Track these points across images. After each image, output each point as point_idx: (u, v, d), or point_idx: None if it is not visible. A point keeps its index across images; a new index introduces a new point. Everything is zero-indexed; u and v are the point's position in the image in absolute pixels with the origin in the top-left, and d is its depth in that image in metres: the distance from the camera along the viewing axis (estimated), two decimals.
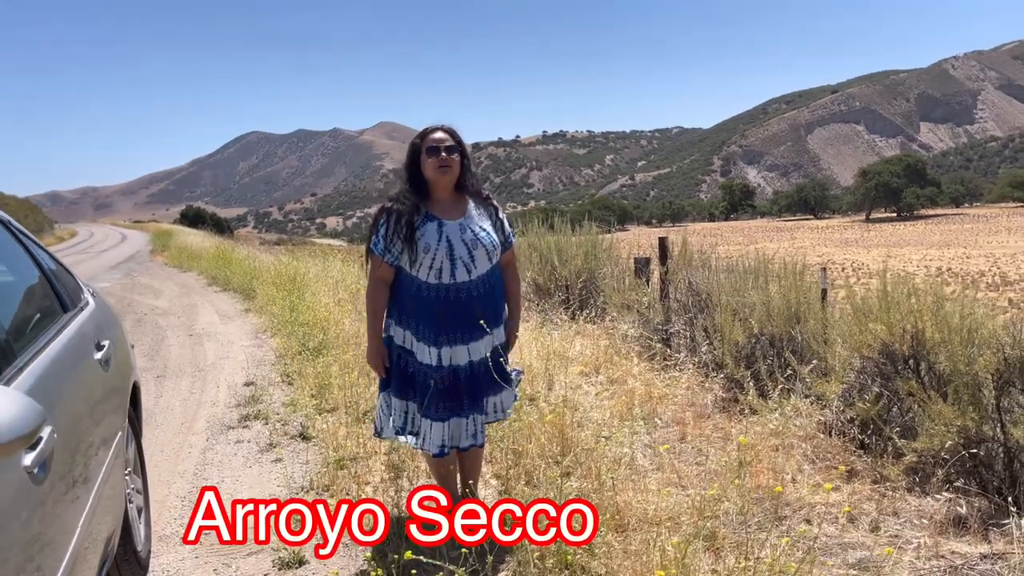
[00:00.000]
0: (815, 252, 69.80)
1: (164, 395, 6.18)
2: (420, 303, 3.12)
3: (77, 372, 2.22)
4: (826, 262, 60.03)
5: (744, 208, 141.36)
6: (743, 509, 3.22)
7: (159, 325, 10.19)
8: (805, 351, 4.65)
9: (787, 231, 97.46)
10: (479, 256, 3.14)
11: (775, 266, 5.21)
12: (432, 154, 3.12)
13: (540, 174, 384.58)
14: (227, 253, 18.27)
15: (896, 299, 3.90)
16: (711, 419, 4.57)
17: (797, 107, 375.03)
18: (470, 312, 3.13)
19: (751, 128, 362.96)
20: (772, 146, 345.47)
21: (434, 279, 3.09)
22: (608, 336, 6.36)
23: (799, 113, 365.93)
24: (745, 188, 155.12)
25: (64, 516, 1.80)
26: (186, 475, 4.24)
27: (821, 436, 3.89)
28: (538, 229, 8.48)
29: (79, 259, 28.31)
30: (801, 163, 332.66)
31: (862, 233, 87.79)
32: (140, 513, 3.19)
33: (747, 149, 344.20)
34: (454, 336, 3.10)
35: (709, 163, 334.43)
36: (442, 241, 3.09)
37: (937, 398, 3.35)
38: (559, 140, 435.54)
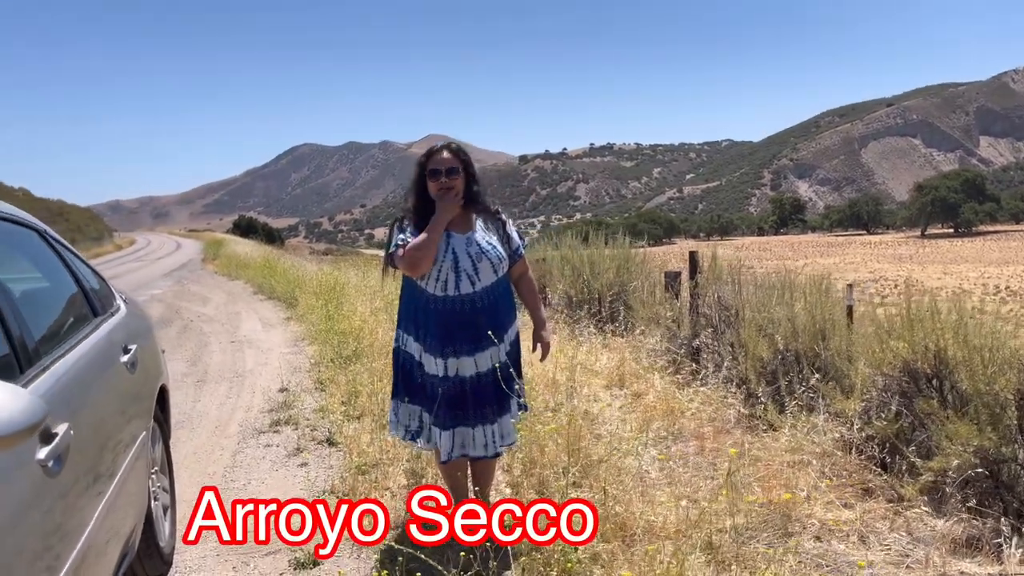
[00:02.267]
0: (867, 268, 68.44)
1: (202, 399, 6.38)
2: (427, 315, 3.21)
3: (100, 374, 2.35)
4: (878, 278, 58.86)
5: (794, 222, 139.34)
6: (748, 523, 3.24)
7: (203, 332, 10.48)
8: (829, 368, 4.62)
9: (838, 246, 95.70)
10: (483, 268, 3.21)
11: (801, 281, 5.18)
12: (434, 177, 3.19)
13: (587, 187, 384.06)
14: (273, 262, 18.69)
15: (919, 317, 3.87)
16: (731, 434, 4.57)
17: (851, 120, 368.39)
18: (474, 324, 3.19)
19: (803, 141, 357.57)
20: (824, 160, 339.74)
21: (439, 291, 3.17)
22: (635, 349, 6.38)
23: (853, 126, 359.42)
24: (795, 202, 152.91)
25: (80, 508, 1.92)
26: (215, 477, 4.39)
27: (839, 454, 3.86)
28: (571, 242, 8.53)
29: (135, 266, 29.17)
30: (854, 177, 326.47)
31: (917, 249, 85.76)
32: (166, 511, 3.33)
33: (798, 163, 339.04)
34: (460, 347, 3.17)
35: (759, 176, 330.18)
36: (448, 253, 3.17)
37: (954, 417, 3.31)
38: (606, 152, 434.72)
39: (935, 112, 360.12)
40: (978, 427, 3.27)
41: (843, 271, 66.93)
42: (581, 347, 6.88)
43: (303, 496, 3.94)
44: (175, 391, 6.77)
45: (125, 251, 45.29)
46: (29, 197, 48.17)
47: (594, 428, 4.85)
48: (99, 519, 2.04)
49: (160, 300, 15.29)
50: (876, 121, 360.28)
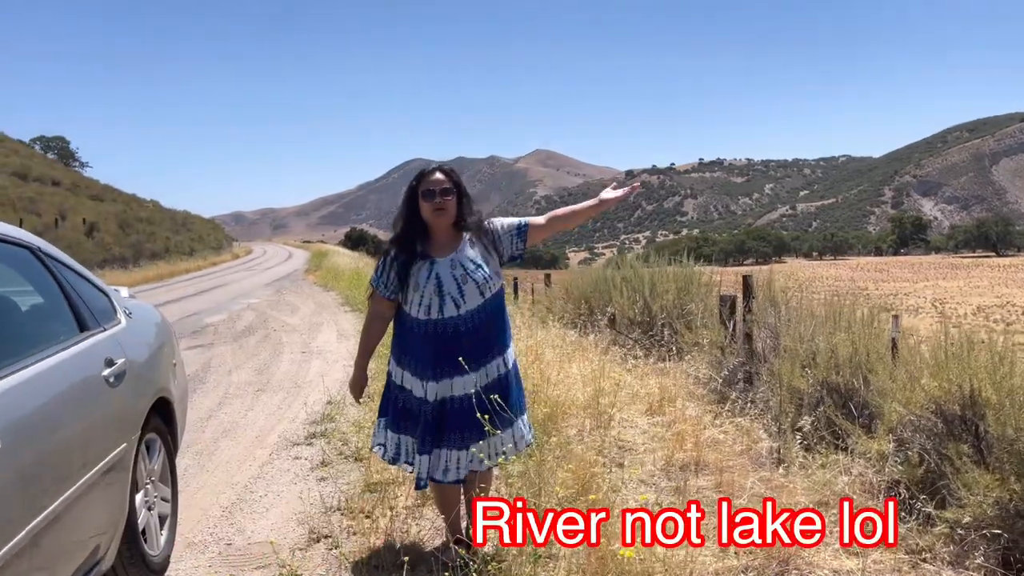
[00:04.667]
0: (993, 292, 64.14)
1: (255, 409, 6.60)
2: (413, 339, 3.22)
3: (61, 387, 2.45)
4: (1004, 303, 55.00)
5: (915, 242, 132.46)
6: (742, 565, 3.06)
7: (281, 341, 10.86)
8: (870, 403, 4.34)
9: (963, 268, 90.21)
10: (469, 291, 3.17)
11: (848, 311, 4.88)
12: (428, 198, 3.18)
13: (694, 202, 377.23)
14: (363, 274, 19.19)
15: (955, 353, 3.58)
16: (761, 471, 4.35)
17: (981, 135, 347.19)
18: (459, 347, 3.16)
19: (928, 157, 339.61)
20: (951, 177, 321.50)
21: (423, 315, 3.17)
22: (684, 375, 6.18)
23: (983, 142, 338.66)
24: (917, 221, 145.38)
25: (7, 520, 2.00)
26: (237, 487, 4.52)
27: (857, 496, 3.60)
28: (633, 262, 8.37)
29: (243, 275, 30.65)
30: (984, 196, 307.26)
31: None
32: (164, 521, 3.44)
33: (922, 180, 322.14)
34: (442, 371, 3.16)
35: (879, 194, 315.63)
36: (431, 278, 3.17)
37: (971, 465, 3.04)
38: (716, 168, 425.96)
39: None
40: (1001, 477, 2.98)
41: (967, 295, 62.96)
42: (632, 370, 6.74)
43: (309, 512, 4.00)
44: (235, 399, 7.05)
45: (241, 260, 47.67)
46: (158, 208, 51.47)
47: (620, 456, 4.74)
48: (34, 531, 2.11)
49: (254, 309, 15.98)
50: (1009, 137, 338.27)
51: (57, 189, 35.74)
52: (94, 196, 39.28)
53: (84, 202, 35.38)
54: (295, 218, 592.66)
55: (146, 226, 37.88)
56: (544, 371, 5.79)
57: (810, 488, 3.86)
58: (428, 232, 3.25)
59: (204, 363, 9.02)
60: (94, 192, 40.94)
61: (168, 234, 40.91)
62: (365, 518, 3.88)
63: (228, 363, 9.02)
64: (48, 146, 64.41)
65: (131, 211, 39.35)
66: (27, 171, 35.34)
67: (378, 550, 3.46)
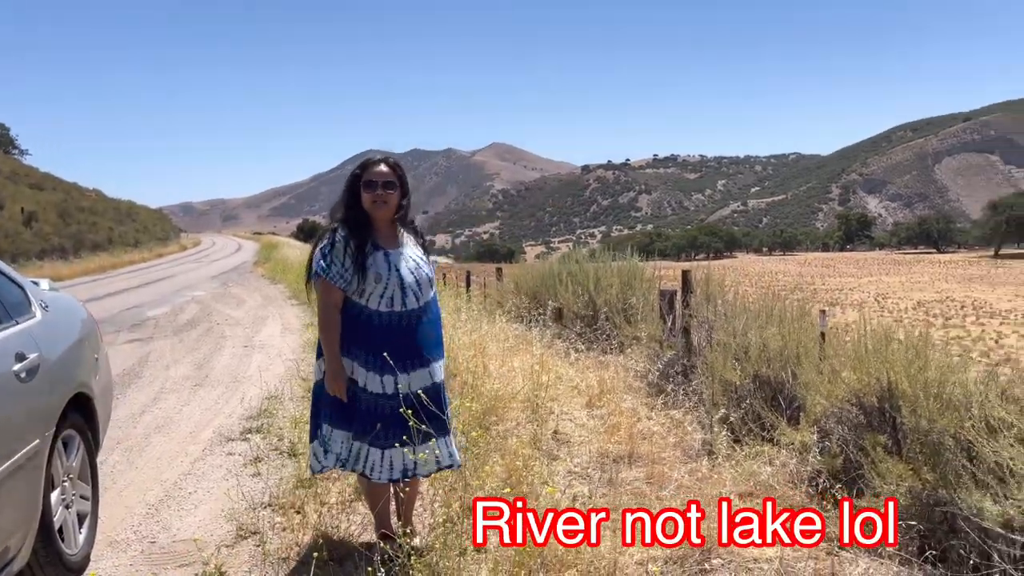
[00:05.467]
0: (933, 288, 66.00)
1: (191, 404, 6.48)
2: (371, 332, 3.14)
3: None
4: (944, 299, 56.65)
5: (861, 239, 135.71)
6: (665, 556, 3.11)
7: (224, 335, 10.68)
8: (797, 396, 4.44)
9: (905, 264, 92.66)
10: (424, 283, 3.22)
11: (779, 306, 4.99)
12: (369, 188, 3.15)
13: (649, 198, 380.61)
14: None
15: (874, 348, 3.67)
16: (691, 462, 4.41)
17: (925, 135, 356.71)
18: (424, 337, 3.19)
19: (873, 156, 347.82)
20: (895, 175, 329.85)
21: (385, 307, 3.13)
22: (623, 369, 6.25)
23: (927, 141, 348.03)
24: (862, 218, 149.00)
25: None
26: (165, 484, 4.43)
27: (778, 487, 3.69)
28: (579, 257, 8.42)
29: (191, 267, 30.09)
30: (927, 194, 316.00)
31: (988, 269, 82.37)
32: (83, 519, 3.36)
33: (868, 178, 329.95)
34: (410, 363, 3.13)
35: (827, 191, 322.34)
36: (392, 270, 3.14)
37: (886, 456, 3.13)
38: (670, 164, 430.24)
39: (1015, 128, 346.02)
40: (914, 467, 3.08)
41: (908, 290, 64.63)
42: (574, 364, 6.78)
43: (238, 508, 3.94)
44: (171, 394, 6.92)
45: (188, 252, 46.76)
46: (101, 198, 50.13)
47: (556, 449, 4.77)
48: None
49: (198, 302, 15.69)
50: (952, 136, 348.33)
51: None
52: (33, 184, 38.10)
53: (23, 191, 34.30)
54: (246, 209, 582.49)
55: (88, 216, 36.90)
56: (486, 364, 5.80)
57: (736, 479, 3.94)
58: (370, 223, 3.20)
59: (141, 357, 8.83)
60: (33, 180, 39.70)
61: (112, 224, 39.90)
62: (296, 514, 3.83)
63: (167, 357, 8.84)
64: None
65: (72, 200, 38.27)
66: None
67: (306, 546, 3.43)
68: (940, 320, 42.63)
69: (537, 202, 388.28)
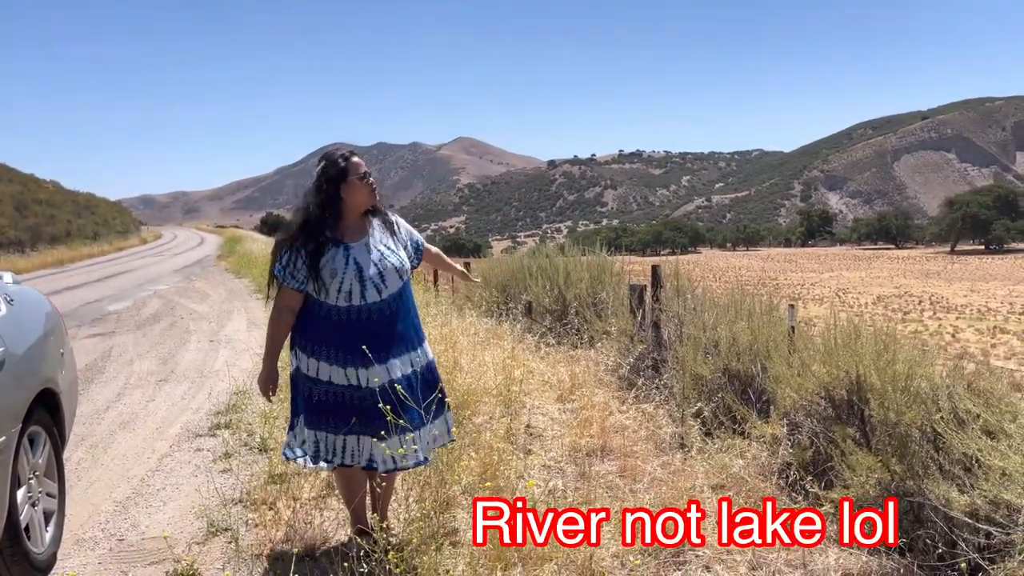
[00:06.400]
0: (892, 283, 67.40)
1: (156, 399, 6.38)
2: (331, 326, 3.13)
3: None
4: (902, 294, 57.89)
5: (822, 235, 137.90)
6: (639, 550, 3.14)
7: (188, 330, 10.52)
8: (766, 389, 4.50)
9: (864, 260, 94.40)
10: (389, 276, 3.18)
11: (748, 301, 5.05)
12: (365, 178, 3.18)
13: (614, 193, 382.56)
14: None
15: (843, 341, 3.74)
16: (663, 455, 4.46)
17: (884, 133, 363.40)
18: (384, 332, 3.16)
19: (834, 153, 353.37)
20: (856, 172, 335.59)
21: (344, 302, 3.11)
22: (594, 363, 6.28)
23: (886, 139, 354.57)
24: (824, 214, 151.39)
25: None
26: (133, 480, 4.36)
27: (749, 480, 3.74)
28: (548, 251, 8.44)
29: (152, 261, 29.55)
30: (886, 191, 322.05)
31: (945, 265, 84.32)
32: (50, 517, 3.29)
33: (829, 174, 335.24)
34: (372, 356, 3.10)
35: (789, 187, 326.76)
36: (350, 264, 3.12)
37: (855, 448, 3.18)
38: (635, 159, 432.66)
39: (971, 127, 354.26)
40: (883, 459, 3.14)
41: (868, 285, 65.91)
42: (545, 358, 6.80)
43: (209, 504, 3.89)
44: (135, 389, 6.80)
45: (149, 245, 45.90)
46: (59, 190, 49.02)
47: (529, 443, 4.78)
48: None
49: (161, 296, 15.43)
50: (910, 134, 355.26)
51: None
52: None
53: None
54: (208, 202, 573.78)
55: (45, 208, 36.06)
56: (457, 359, 5.79)
57: (708, 471, 3.98)
58: (340, 217, 3.18)
59: (104, 352, 8.66)
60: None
61: (70, 217, 39.04)
62: (268, 510, 3.80)
63: (130, 352, 8.69)
64: None
65: (29, 192, 37.37)
66: None
67: (279, 542, 3.40)
68: (899, 315, 43.56)
69: (503, 197, 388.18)
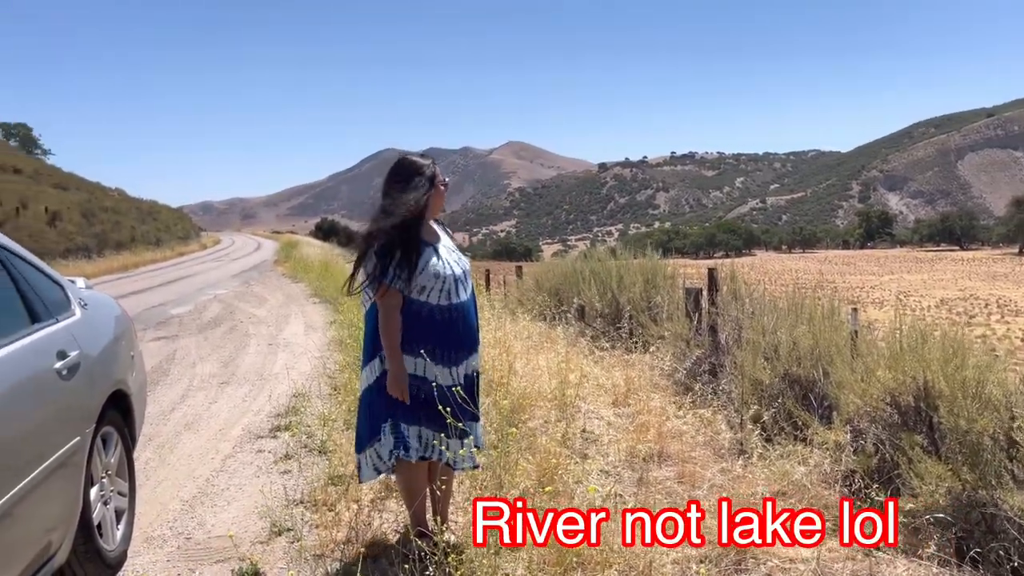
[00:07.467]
0: (957, 285, 65.27)
1: (218, 401, 6.53)
2: (433, 326, 3.20)
3: (10, 380, 2.40)
4: (967, 296, 56.01)
5: (882, 236, 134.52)
6: (700, 556, 3.10)
7: (248, 333, 10.75)
8: (828, 395, 4.40)
9: (927, 262, 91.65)
10: (468, 276, 3.36)
11: (809, 305, 4.95)
12: (444, 185, 3.33)
13: (666, 195, 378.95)
14: (331, 266, 19.04)
15: (910, 346, 3.64)
16: (722, 461, 4.39)
17: (947, 131, 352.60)
18: (470, 328, 3.31)
19: (894, 152, 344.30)
20: (917, 172, 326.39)
21: (444, 301, 3.22)
22: (649, 367, 6.23)
23: (949, 137, 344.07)
24: (883, 215, 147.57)
25: None
26: (198, 480, 4.47)
27: (810, 487, 3.66)
28: (601, 255, 8.41)
29: (212, 266, 30.29)
30: (949, 190, 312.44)
31: (1013, 267, 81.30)
32: (121, 515, 3.39)
33: (889, 174, 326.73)
34: (461, 354, 3.25)
35: (847, 188, 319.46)
36: (445, 264, 3.23)
37: (924, 456, 3.09)
38: (688, 161, 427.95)
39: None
40: (953, 467, 3.04)
41: (931, 288, 63.94)
42: (599, 362, 6.77)
43: (272, 505, 3.97)
44: (199, 391, 6.98)
45: (208, 250, 47.08)
46: (124, 197, 50.63)
47: (585, 447, 4.76)
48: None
49: (221, 300, 15.80)
50: (975, 132, 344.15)
51: (19, 177, 35.02)
52: (57, 184, 38.51)
53: (46, 191, 34.68)
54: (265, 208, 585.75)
55: (111, 215, 37.25)
56: (511, 363, 5.80)
57: (769, 478, 3.91)
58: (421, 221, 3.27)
59: (168, 355, 8.91)
60: (57, 180, 40.14)
61: (134, 223, 40.25)
62: (328, 511, 3.85)
63: (193, 355, 8.92)
64: (10, 133, 63.06)
65: (95, 200, 38.65)
66: None
67: (340, 543, 3.45)
68: (964, 318, 42.13)
69: (554, 200, 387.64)
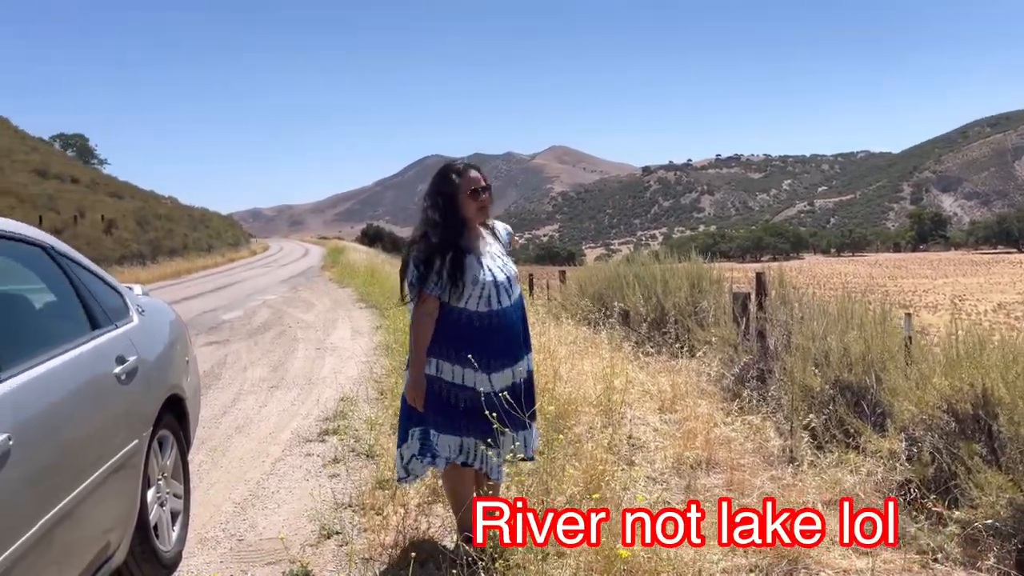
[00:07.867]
0: (1015, 289, 63.24)
1: (268, 405, 6.65)
2: (472, 333, 3.21)
3: (72, 384, 2.49)
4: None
5: (935, 239, 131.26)
6: (750, 565, 3.06)
7: (296, 338, 10.92)
8: (881, 402, 4.31)
9: (983, 265, 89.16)
10: (514, 282, 3.34)
11: (860, 309, 4.85)
12: (476, 195, 3.25)
13: (711, 198, 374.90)
14: (377, 271, 19.24)
15: (967, 352, 3.54)
16: (772, 469, 4.33)
17: (1003, 130, 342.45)
18: (514, 335, 3.30)
19: (947, 153, 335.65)
20: (972, 172, 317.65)
21: (484, 307, 3.22)
22: (695, 373, 6.16)
23: (1006, 137, 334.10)
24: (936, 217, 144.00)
25: (20, 515, 2.04)
26: (249, 483, 4.56)
27: (862, 495, 3.58)
28: (645, 259, 8.35)
29: (260, 272, 30.84)
30: (1006, 191, 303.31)
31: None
32: (176, 517, 3.48)
33: (942, 175, 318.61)
34: (503, 361, 3.23)
35: (898, 190, 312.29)
36: (486, 271, 3.23)
37: (983, 465, 3.01)
38: (733, 163, 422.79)
39: None
40: (1014, 478, 2.96)
41: (987, 291, 62.09)
42: (644, 368, 6.72)
43: (320, 509, 4.02)
44: (249, 395, 7.11)
45: (258, 256, 47.94)
46: (176, 205, 51.91)
47: (631, 453, 4.73)
48: (46, 527, 2.14)
49: (270, 306, 16.07)
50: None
51: (76, 186, 36.09)
52: (112, 193, 39.62)
53: (103, 199, 35.69)
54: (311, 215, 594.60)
55: (164, 223, 38.17)
56: (556, 368, 5.79)
57: (821, 487, 3.85)
58: (464, 228, 3.28)
59: (219, 360, 9.09)
60: (113, 189, 41.29)
61: (186, 231, 41.18)
62: (376, 515, 3.89)
63: (243, 359, 9.09)
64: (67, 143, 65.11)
65: (149, 208, 39.66)
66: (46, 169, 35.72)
67: (388, 547, 3.48)
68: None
69: (597, 204, 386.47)
